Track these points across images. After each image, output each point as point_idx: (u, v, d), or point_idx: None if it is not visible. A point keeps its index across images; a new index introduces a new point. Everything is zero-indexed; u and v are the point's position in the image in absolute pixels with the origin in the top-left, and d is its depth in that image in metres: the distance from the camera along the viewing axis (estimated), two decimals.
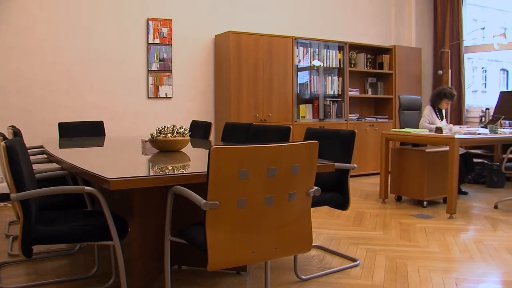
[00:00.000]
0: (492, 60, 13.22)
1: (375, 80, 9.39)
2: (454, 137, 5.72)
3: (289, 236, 2.82)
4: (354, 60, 8.99)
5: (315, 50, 8.34)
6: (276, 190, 2.64)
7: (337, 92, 8.63)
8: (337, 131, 4.23)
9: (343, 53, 8.65)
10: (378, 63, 9.35)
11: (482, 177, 8.20)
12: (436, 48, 9.96)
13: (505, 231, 5.26)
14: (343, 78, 8.65)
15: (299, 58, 8.13)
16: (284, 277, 3.78)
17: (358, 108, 9.24)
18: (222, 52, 7.50)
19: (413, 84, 9.48)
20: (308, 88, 8.34)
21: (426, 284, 3.68)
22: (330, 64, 8.52)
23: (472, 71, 12.47)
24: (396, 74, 9.21)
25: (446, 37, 9.66)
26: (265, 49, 7.59)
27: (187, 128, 4.37)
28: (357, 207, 6.33)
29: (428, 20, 10.00)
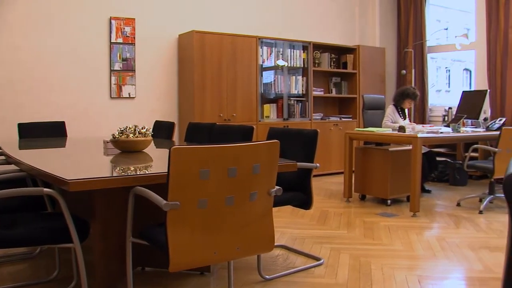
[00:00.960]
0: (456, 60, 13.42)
1: (339, 80, 9.45)
2: (417, 136, 5.78)
3: (251, 236, 2.81)
4: (318, 59, 9.03)
5: (279, 50, 8.35)
6: (237, 190, 2.64)
7: (301, 91, 8.66)
8: (300, 131, 4.24)
9: (307, 53, 8.67)
10: (342, 62, 9.40)
11: (445, 175, 8.30)
12: (399, 48, 10.06)
13: (467, 229, 5.33)
14: (307, 78, 8.68)
15: (263, 58, 8.13)
16: (248, 277, 3.78)
17: (322, 107, 9.28)
18: (185, 52, 7.46)
19: (377, 83, 9.56)
20: (273, 88, 8.35)
21: (389, 282, 3.71)
22: (294, 64, 8.54)
23: (436, 71, 12.63)
24: (360, 74, 9.28)
25: (410, 37, 9.77)
26: (229, 49, 7.57)
27: (150, 128, 4.33)
28: (322, 206, 6.36)
29: (391, 20, 10.09)
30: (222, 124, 5.20)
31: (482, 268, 4.07)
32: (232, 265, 3.33)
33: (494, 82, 8.43)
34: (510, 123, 8.08)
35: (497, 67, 8.38)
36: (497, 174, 5.94)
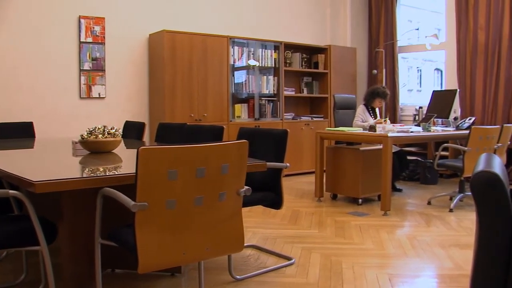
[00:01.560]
0: (427, 60, 13.53)
1: (310, 80, 9.46)
2: (387, 135, 5.81)
3: (220, 236, 2.80)
4: (290, 59, 9.04)
5: (250, 50, 8.34)
6: (206, 190, 2.63)
7: (273, 91, 8.66)
8: (270, 130, 4.23)
9: (278, 53, 8.68)
10: (313, 62, 9.42)
11: (416, 174, 8.36)
12: (370, 47, 10.12)
13: (437, 227, 5.38)
14: (279, 78, 8.68)
15: (235, 57, 8.11)
16: (219, 278, 3.76)
17: (294, 107, 9.29)
18: (156, 52, 7.41)
19: (348, 83, 9.60)
20: (244, 88, 8.34)
21: (360, 280, 3.73)
22: (265, 64, 8.54)
23: (407, 71, 12.73)
24: (331, 74, 9.31)
25: (381, 37, 9.82)
26: (200, 49, 7.54)
27: (119, 128, 4.29)
28: (293, 206, 6.36)
29: (363, 20, 10.14)
30: (193, 124, 5.18)
31: (452, 265, 4.11)
32: (202, 265, 3.31)
33: (464, 82, 8.52)
34: (479, 122, 8.17)
35: (467, 67, 8.46)
36: (466, 173, 6.00)
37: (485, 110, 8.30)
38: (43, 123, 6.73)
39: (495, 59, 8.11)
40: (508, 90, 8.00)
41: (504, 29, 7.95)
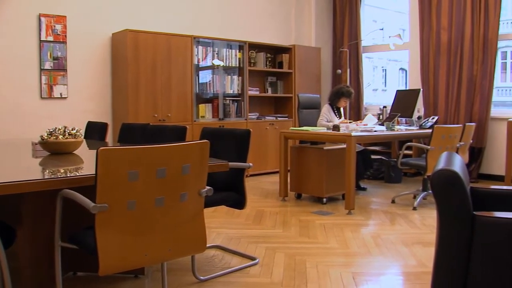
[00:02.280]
0: (392, 60, 13.66)
1: (275, 79, 9.47)
2: (350, 135, 5.84)
3: (183, 236, 2.78)
4: (254, 59, 9.03)
5: (215, 50, 8.31)
6: (167, 191, 2.60)
7: (237, 91, 8.64)
8: (232, 130, 4.21)
9: (243, 53, 8.66)
10: (277, 62, 9.43)
11: (381, 173, 8.42)
12: (335, 47, 10.17)
13: (401, 225, 5.42)
14: (243, 78, 8.66)
15: (199, 57, 8.07)
16: (183, 278, 3.73)
17: (258, 107, 9.28)
18: (119, 51, 7.33)
19: (312, 83, 9.63)
20: (208, 88, 8.30)
21: (324, 279, 3.73)
22: (230, 64, 8.51)
23: (372, 70, 12.82)
24: (295, 73, 9.32)
25: (345, 37, 9.88)
26: (163, 48, 7.48)
27: (81, 129, 4.23)
28: (258, 205, 6.35)
29: (327, 20, 10.18)
30: (156, 125, 5.13)
31: (416, 263, 4.14)
32: (165, 266, 3.29)
33: (427, 81, 8.61)
34: (442, 122, 8.27)
35: (430, 66, 8.56)
36: (430, 171, 6.06)
37: (448, 109, 8.40)
38: (3, 123, 6.62)
39: (457, 59, 8.22)
40: (470, 90, 8.11)
41: (466, 30, 8.06)
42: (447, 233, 2.40)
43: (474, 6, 7.98)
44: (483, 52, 7.95)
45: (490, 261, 2.32)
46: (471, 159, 7.97)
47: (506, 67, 10.76)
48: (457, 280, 2.38)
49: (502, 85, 10.50)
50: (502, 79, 10.49)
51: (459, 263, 2.36)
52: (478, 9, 7.94)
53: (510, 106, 8.91)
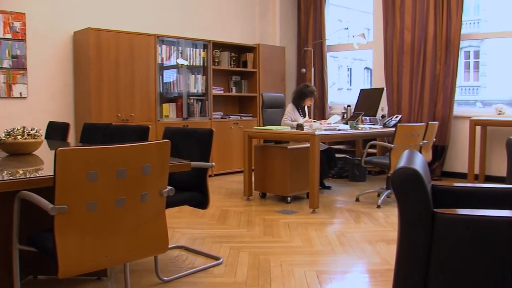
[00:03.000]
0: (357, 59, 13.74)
1: (239, 79, 9.44)
2: (314, 134, 5.85)
3: (144, 237, 2.75)
4: (218, 58, 8.99)
5: (178, 48, 8.25)
6: (128, 192, 2.57)
7: (201, 90, 8.59)
8: (195, 130, 4.19)
9: (207, 52, 8.61)
10: (242, 61, 9.41)
11: (345, 171, 8.46)
12: (299, 46, 10.19)
13: (365, 223, 5.46)
14: (207, 77, 8.62)
15: (162, 56, 8.01)
16: (146, 279, 3.70)
17: (223, 106, 9.25)
18: (81, 50, 7.22)
19: (277, 82, 9.63)
20: (172, 87, 8.24)
21: (288, 278, 3.74)
22: (194, 63, 8.46)
23: (338, 70, 12.88)
24: (260, 73, 9.31)
25: (310, 36, 9.90)
26: (126, 47, 7.39)
27: (40, 129, 4.16)
28: (222, 205, 6.33)
29: (292, 19, 10.19)
30: (118, 124, 5.08)
31: (379, 260, 4.18)
32: (128, 268, 3.26)
33: (391, 80, 8.69)
34: (406, 120, 8.35)
35: (394, 65, 8.63)
36: (393, 169, 6.09)
37: (411, 108, 8.48)
38: None
39: (420, 59, 8.30)
40: (433, 88, 8.20)
41: (429, 30, 8.15)
42: (408, 230, 2.41)
43: (437, 7, 8.07)
44: (446, 52, 8.05)
45: (451, 258, 2.34)
46: (435, 157, 8.05)
47: (469, 66, 10.89)
48: (418, 277, 2.39)
49: (465, 84, 10.64)
50: (465, 78, 10.62)
51: (420, 260, 2.38)
52: (440, 9, 8.04)
53: (473, 105, 9.02)
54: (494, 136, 7.85)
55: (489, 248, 2.28)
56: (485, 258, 2.28)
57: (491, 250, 2.28)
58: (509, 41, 8.69)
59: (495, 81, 9.81)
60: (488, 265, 2.28)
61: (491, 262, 2.28)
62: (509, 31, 8.15)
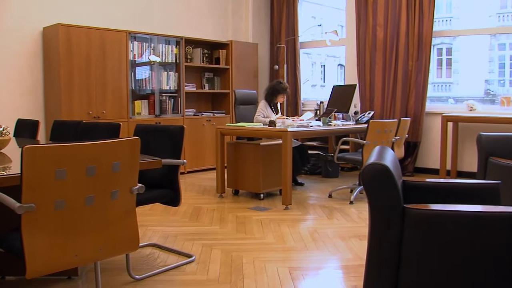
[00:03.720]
0: (330, 56, 13.78)
1: (212, 75, 9.41)
2: (286, 130, 5.84)
3: (114, 235, 2.73)
4: (191, 55, 8.94)
5: (151, 45, 8.18)
6: (97, 189, 2.54)
7: (174, 87, 8.54)
8: (166, 127, 4.16)
9: (179, 48, 8.56)
10: (214, 58, 9.37)
11: (318, 168, 8.48)
12: (272, 43, 10.19)
13: (338, 219, 5.47)
14: (180, 74, 8.57)
15: (134, 53, 7.93)
16: (118, 278, 3.66)
17: (195, 103, 9.20)
18: (51, 46, 7.12)
19: (250, 78, 9.62)
20: (145, 84, 8.17)
21: (260, 274, 3.74)
22: (166, 59, 8.40)
23: (311, 66, 12.91)
24: (232, 69, 9.29)
25: (282, 32, 9.91)
26: (97, 44, 7.30)
27: (8, 127, 4.10)
28: (194, 202, 6.30)
29: (265, 15, 10.18)
30: (88, 122, 5.03)
31: (352, 256, 4.20)
32: (99, 267, 3.21)
33: (363, 77, 8.72)
34: (378, 116, 8.40)
35: (366, 62, 8.67)
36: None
37: (384, 105, 8.53)
38: None
39: (393, 55, 8.35)
40: (406, 85, 8.26)
41: (402, 27, 8.19)
42: (378, 226, 2.41)
43: (409, 4, 8.12)
44: (418, 49, 8.10)
45: (421, 252, 2.35)
46: (407, 153, 8.11)
47: (442, 63, 10.99)
48: (389, 272, 2.39)
49: (438, 81, 10.74)
50: (438, 75, 10.73)
51: (390, 255, 2.38)
52: (413, 6, 8.09)
53: (445, 101, 9.12)
54: (466, 132, 7.93)
55: (459, 243, 2.29)
56: (455, 252, 2.30)
57: (461, 244, 2.29)
58: (481, 38, 8.79)
59: (467, 78, 9.91)
60: (458, 259, 2.30)
61: (461, 256, 2.29)
62: (481, 29, 8.24)
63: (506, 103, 7.71)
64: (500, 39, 9.43)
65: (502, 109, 7.72)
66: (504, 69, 9.71)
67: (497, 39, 9.35)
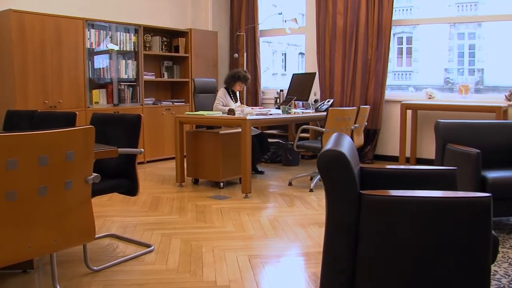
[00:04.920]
0: (291, 45, 13.76)
1: (171, 64, 9.32)
2: (245, 118, 5.83)
3: (69, 226, 2.67)
4: (149, 43, 8.84)
5: (108, 33, 8.05)
6: (50, 180, 2.49)
7: (132, 76, 8.43)
8: (123, 116, 4.10)
9: (137, 36, 8.44)
10: (174, 46, 9.28)
11: (278, 156, 8.48)
12: (232, 31, 10.12)
13: (298, 207, 5.49)
14: (138, 62, 8.46)
15: (91, 41, 7.79)
16: (75, 270, 3.60)
17: (154, 92, 9.10)
18: (2, 33, 6.90)
19: (209, 67, 9.55)
20: (103, 73, 8.05)
21: (220, 263, 3.73)
22: (124, 48, 8.28)
23: (272, 55, 12.88)
24: (192, 58, 9.21)
25: (242, 20, 9.85)
26: (52, 31, 7.14)
27: None
28: (154, 192, 6.24)
29: (224, 3, 10.10)
30: (43, 111, 4.93)
31: (311, 243, 4.21)
32: (55, 259, 3.14)
33: (323, 65, 8.73)
34: (338, 104, 8.43)
35: (326, 50, 8.68)
36: None
37: (343, 93, 8.56)
38: None
39: (352, 44, 8.38)
40: (365, 73, 8.29)
41: (361, 15, 8.21)
42: (334, 212, 2.42)
43: None
44: (378, 37, 8.14)
45: (377, 237, 2.36)
46: (367, 141, 8.17)
47: (402, 52, 11.07)
48: (347, 259, 2.40)
49: (398, 70, 10.82)
50: (398, 63, 10.80)
51: (347, 241, 2.39)
52: None
53: (406, 89, 9.21)
54: (425, 120, 8.01)
55: (416, 228, 2.31)
56: (412, 237, 2.31)
57: (417, 229, 2.31)
58: (440, 27, 8.89)
59: (427, 66, 10.02)
60: (415, 244, 2.31)
61: (418, 240, 2.31)
62: (440, 18, 8.34)
63: (464, 91, 7.82)
64: (459, 29, 9.54)
65: (460, 97, 7.82)
66: (463, 58, 9.83)
67: (457, 28, 9.46)
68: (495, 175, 4.37)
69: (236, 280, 3.44)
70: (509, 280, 3.34)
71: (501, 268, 3.57)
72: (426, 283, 2.33)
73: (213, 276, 3.50)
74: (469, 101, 7.56)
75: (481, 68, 9.23)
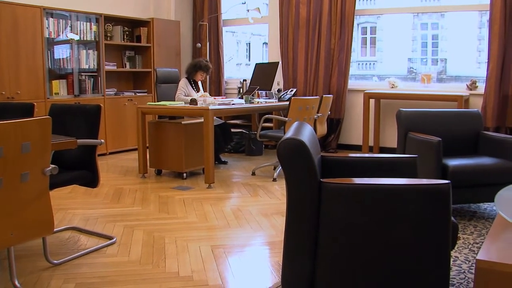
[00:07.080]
0: (255, 35, 13.74)
1: (133, 54, 9.21)
2: (208, 108, 5.80)
3: (26, 219, 2.62)
4: (111, 33, 8.72)
5: (68, 22, 7.91)
6: (5, 172, 2.43)
7: (93, 66, 8.31)
8: (82, 106, 4.05)
9: (98, 26, 8.32)
10: (136, 36, 9.17)
11: (242, 146, 8.47)
12: (195, 21, 10.06)
13: (261, 196, 5.51)
14: (99, 52, 8.34)
15: (50, 30, 7.65)
16: (35, 264, 3.53)
17: (116, 82, 8.98)
18: None
19: (172, 57, 9.47)
20: (63, 63, 7.91)
21: (183, 254, 3.73)
22: (85, 37, 8.15)
23: (236, 45, 12.84)
24: (154, 47, 9.12)
25: (205, 10, 9.79)
26: (8, 20, 6.95)
27: None
28: (116, 183, 6.18)
29: None
30: (0, 102, 4.83)
31: (274, 233, 4.24)
32: (13, 252, 3.08)
33: (286, 54, 8.73)
34: (301, 94, 8.44)
35: (289, 40, 8.67)
36: None
37: (306, 82, 8.57)
38: None
39: (316, 33, 8.39)
40: (328, 62, 8.32)
41: (324, 4, 8.22)
42: (295, 201, 2.42)
43: None
44: (341, 27, 8.17)
45: (337, 226, 2.37)
46: (330, 130, 8.20)
47: (366, 42, 11.12)
48: (307, 247, 2.40)
49: (362, 59, 10.85)
50: (362, 53, 10.83)
51: (308, 229, 2.39)
52: None
53: (370, 79, 9.27)
54: (388, 109, 8.07)
55: (376, 215, 2.32)
56: (372, 224, 2.32)
57: (378, 216, 2.32)
58: (404, 17, 8.95)
59: (390, 56, 10.09)
60: (376, 231, 2.32)
61: (379, 228, 2.32)
62: (403, 7, 8.39)
63: (426, 81, 7.90)
64: (422, 19, 9.61)
65: (422, 86, 7.91)
66: (426, 48, 9.92)
67: (420, 18, 9.53)
68: (456, 163, 4.43)
69: (198, 270, 3.43)
70: (469, 266, 3.39)
71: (461, 254, 3.62)
72: (386, 270, 2.35)
73: (175, 267, 3.48)
74: (431, 90, 7.65)
75: (444, 58, 9.34)
